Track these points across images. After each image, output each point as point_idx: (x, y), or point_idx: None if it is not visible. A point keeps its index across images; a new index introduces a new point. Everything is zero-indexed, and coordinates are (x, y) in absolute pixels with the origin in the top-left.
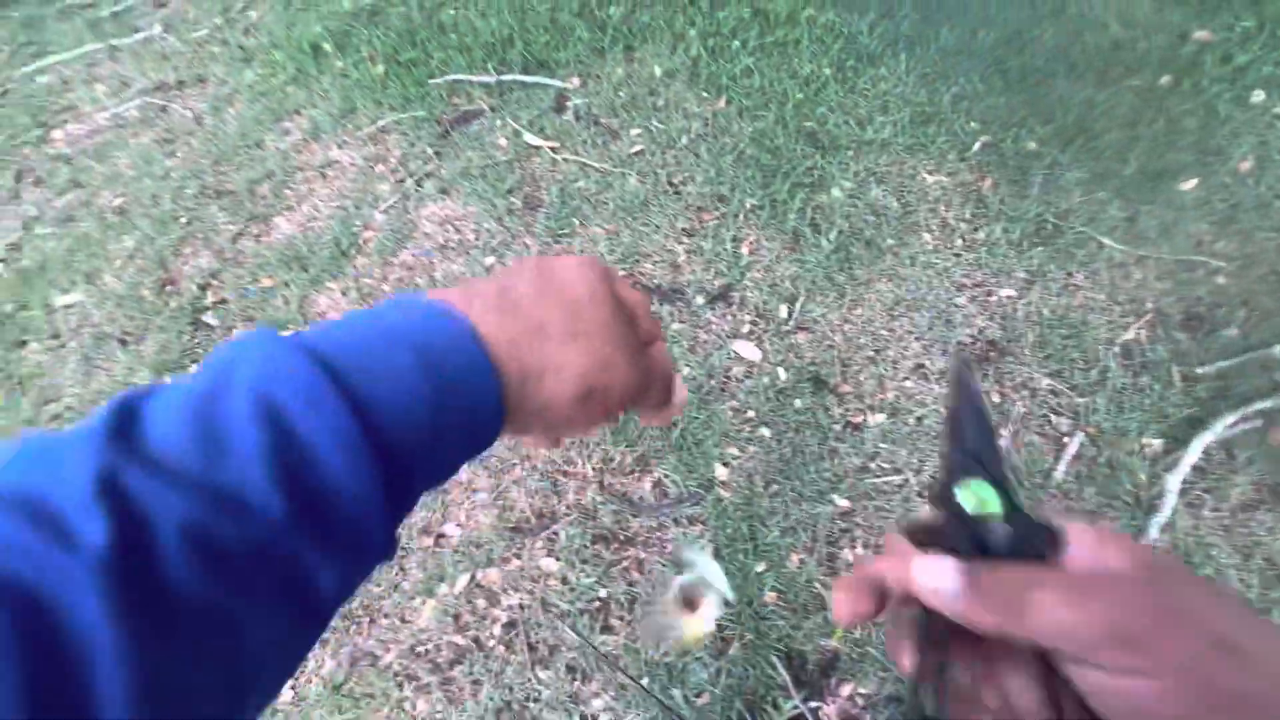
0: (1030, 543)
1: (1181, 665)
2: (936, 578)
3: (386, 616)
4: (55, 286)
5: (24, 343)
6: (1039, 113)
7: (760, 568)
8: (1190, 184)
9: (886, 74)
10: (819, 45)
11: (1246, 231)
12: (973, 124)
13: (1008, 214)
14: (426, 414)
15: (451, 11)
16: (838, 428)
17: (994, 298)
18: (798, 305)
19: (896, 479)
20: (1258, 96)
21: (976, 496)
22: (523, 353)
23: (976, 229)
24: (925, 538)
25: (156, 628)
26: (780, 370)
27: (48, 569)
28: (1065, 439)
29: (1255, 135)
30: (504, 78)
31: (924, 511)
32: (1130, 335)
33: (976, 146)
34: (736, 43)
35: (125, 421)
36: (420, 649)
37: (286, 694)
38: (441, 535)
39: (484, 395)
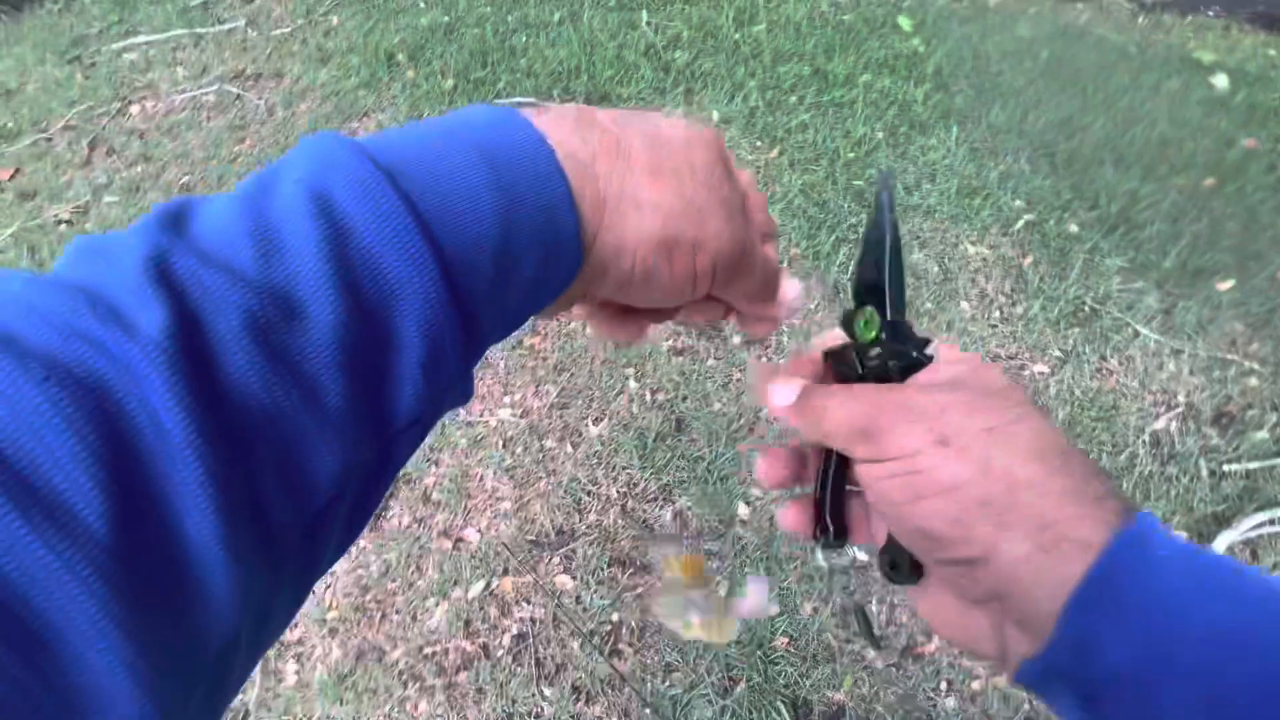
0: (901, 361)
1: (903, 454)
2: (780, 396)
3: (398, 613)
4: None
5: None
6: (1084, 198)
7: (774, 610)
8: (1228, 285)
9: (936, 144)
10: (873, 109)
11: None
12: (1018, 202)
13: (1046, 292)
14: (494, 225)
15: (524, 38)
16: None
17: (1027, 372)
18: None
19: None
20: None
21: (865, 323)
22: (600, 172)
23: (1015, 303)
24: (832, 360)
25: (223, 428)
26: None
27: (110, 354)
28: None
29: None
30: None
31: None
32: (1160, 425)
33: (1020, 224)
34: (794, 98)
35: (176, 216)
36: (428, 650)
37: (290, 678)
38: (461, 539)
39: (558, 208)
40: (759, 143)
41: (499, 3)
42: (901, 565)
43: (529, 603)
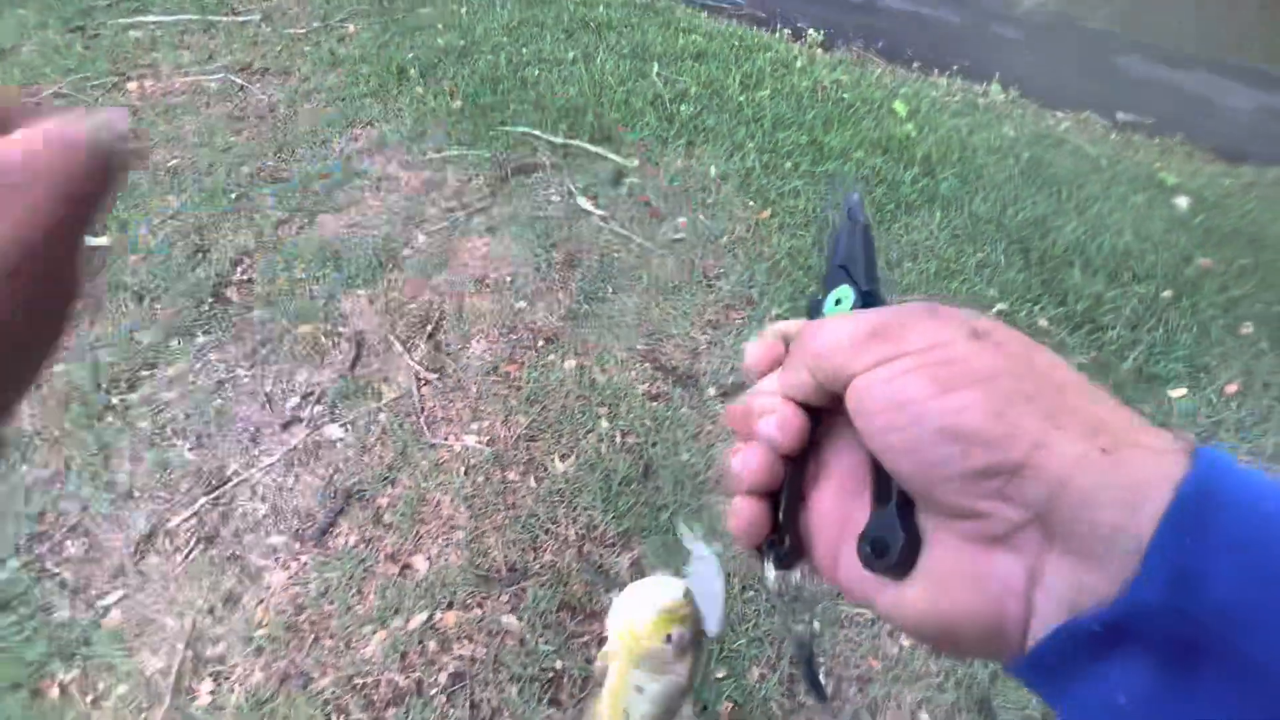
0: None
1: (930, 345)
2: (759, 341)
3: (332, 638)
4: None
5: None
6: (1054, 295)
7: (721, 673)
8: (1180, 392)
9: (920, 225)
10: (863, 184)
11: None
12: (992, 291)
13: None
14: None
15: (536, 71)
16: None
17: None
18: None
19: (870, 613)
20: (1247, 328)
21: (838, 300)
22: None
23: None
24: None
25: None
26: None
27: None
28: None
29: (1242, 363)
30: (571, 141)
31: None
32: None
33: (993, 312)
34: (789, 164)
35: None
36: (359, 681)
37: (204, 697)
38: (408, 566)
39: None
40: (751, 202)
41: (516, 34)
42: (892, 544)
43: (471, 640)
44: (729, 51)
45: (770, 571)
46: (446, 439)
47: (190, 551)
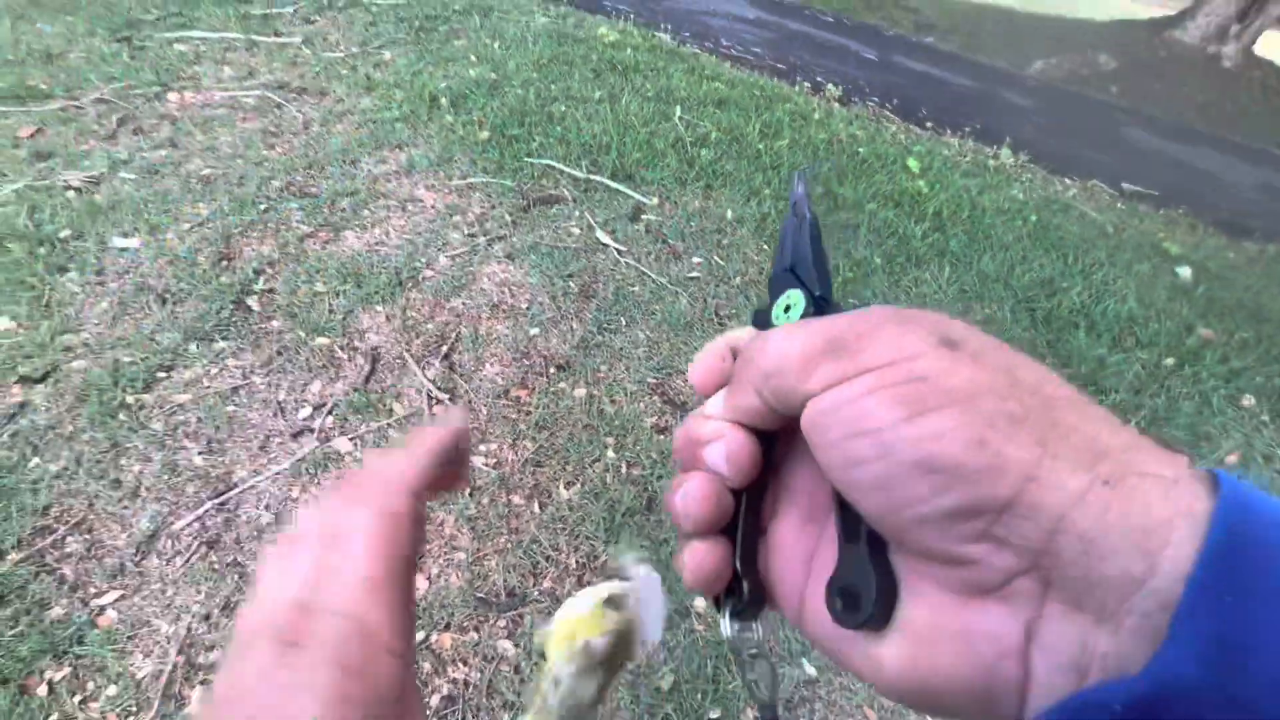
0: None
1: (896, 359)
2: (706, 356)
3: None
4: (117, 228)
5: (66, 270)
6: (1058, 356)
7: (715, 714)
8: None
9: (929, 279)
10: (875, 236)
11: None
12: None
13: None
14: None
15: (563, 107)
16: None
17: None
18: None
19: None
20: (1248, 400)
21: (788, 307)
22: None
23: None
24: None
25: None
26: None
27: None
28: None
29: (1243, 433)
30: (593, 177)
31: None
32: None
33: None
34: None
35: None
36: None
37: (194, 704)
38: None
39: None
40: (766, 246)
41: (545, 71)
42: (863, 594)
43: (466, 664)
44: (750, 100)
45: (728, 626)
46: None
47: (191, 556)
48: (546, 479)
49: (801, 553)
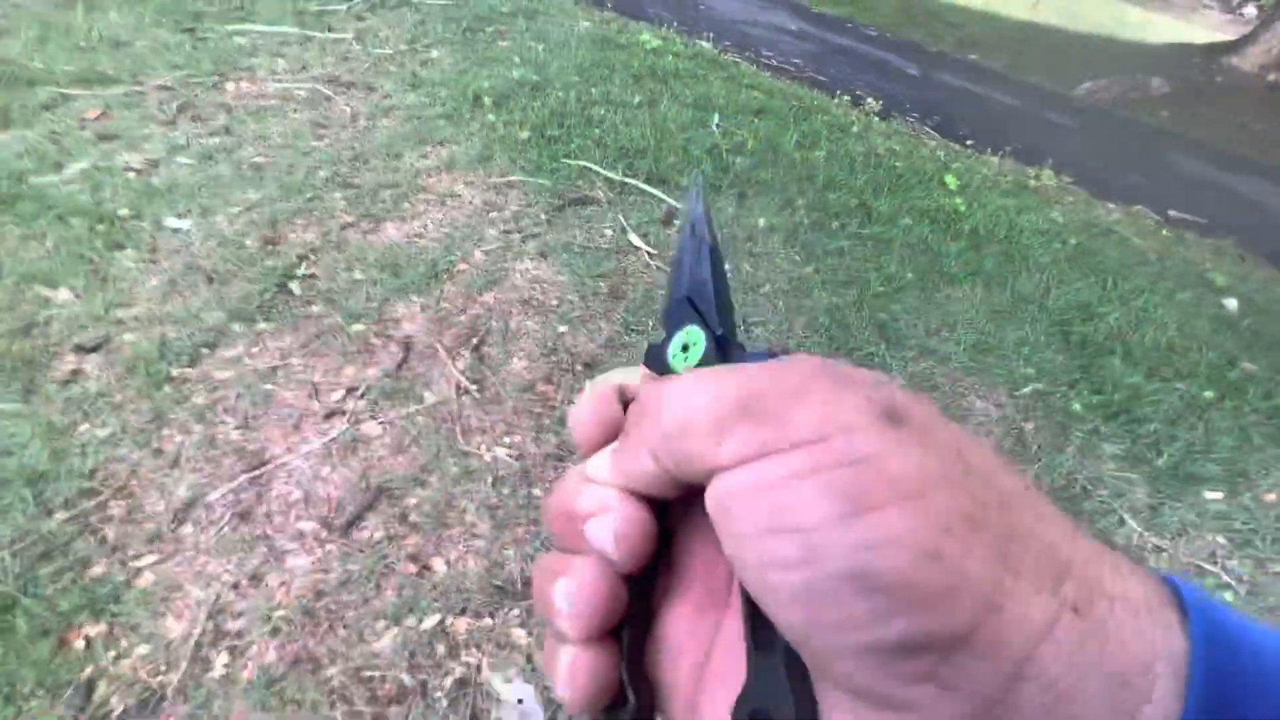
0: None
1: (826, 434)
2: (587, 401)
3: (346, 628)
4: (171, 209)
5: (122, 247)
6: (1091, 381)
7: None
8: (1216, 495)
9: (961, 297)
10: (909, 251)
11: (1260, 559)
12: (1029, 369)
13: (1044, 460)
14: None
15: (602, 111)
16: None
17: None
18: None
19: None
20: None
21: (685, 345)
22: None
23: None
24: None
25: None
26: None
27: None
28: None
29: None
30: (628, 180)
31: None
32: None
33: (1028, 390)
34: (836, 224)
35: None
36: (366, 673)
37: (218, 669)
38: (427, 567)
39: None
40: (796, 257)
41: (586, 75)
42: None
43: (479, 649)
44: (788, 110)
45: None
46: (479, 448)
47: (223, 526)
48: None
49: (694, 653)
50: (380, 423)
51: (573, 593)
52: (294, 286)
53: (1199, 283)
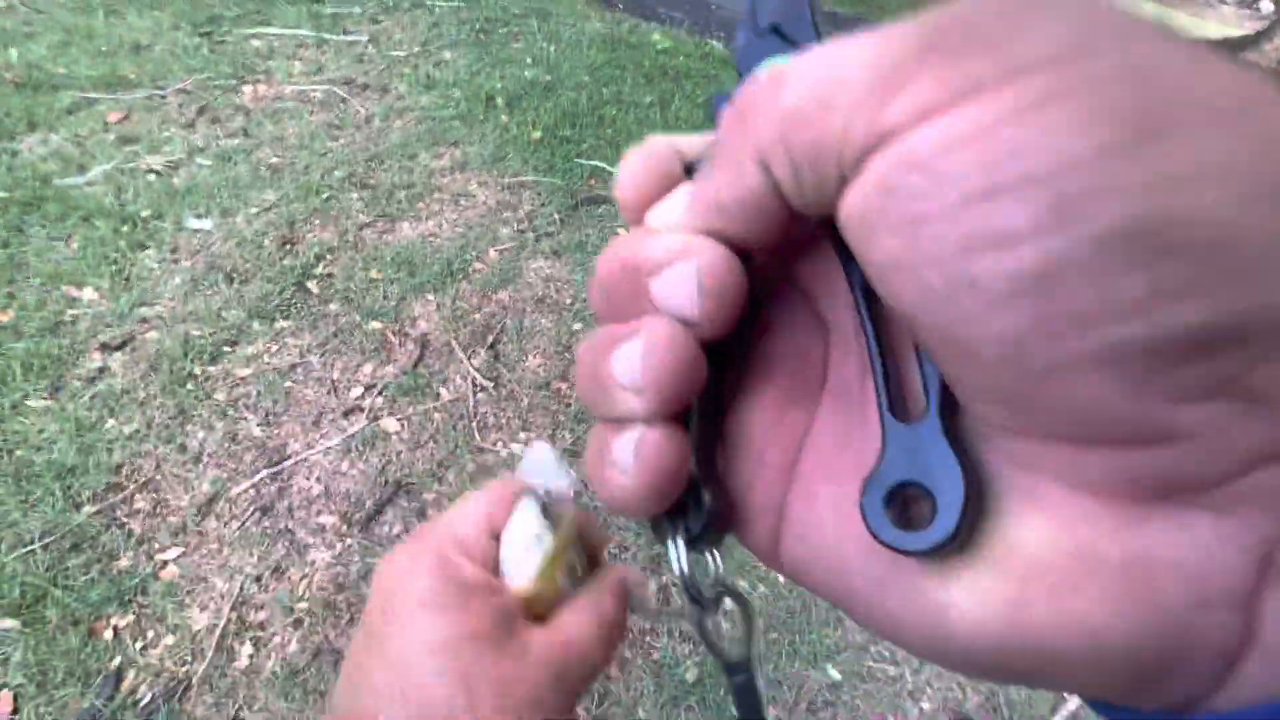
0: None
1: (1069, 52)
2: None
3: None
4: (192, 210)
5: (145, 247)
6: None
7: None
8: None
9: None
10: None
11: None
12: None
13: None
14: None
15: (614, 111)
16: None
17: None
18: None
19: (893, 670)
20: None
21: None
22: None
23: None
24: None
25: None
26: None
27: None
28: (1065, 695)
29: None
30: None
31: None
32: None
33: None
34: None
35: None
36: None
37: (243, 660)
38: None
39: None
40: None
41: (598, 75)
42: (938, 495)
43: None
44: None
45: (679, 555)
46: (495, 445)
47: (246, 521)
48: (583, 471)
49: (778, 453)
50: (398, 419)
51: (641, 356)
52: (312, 285)
53: None
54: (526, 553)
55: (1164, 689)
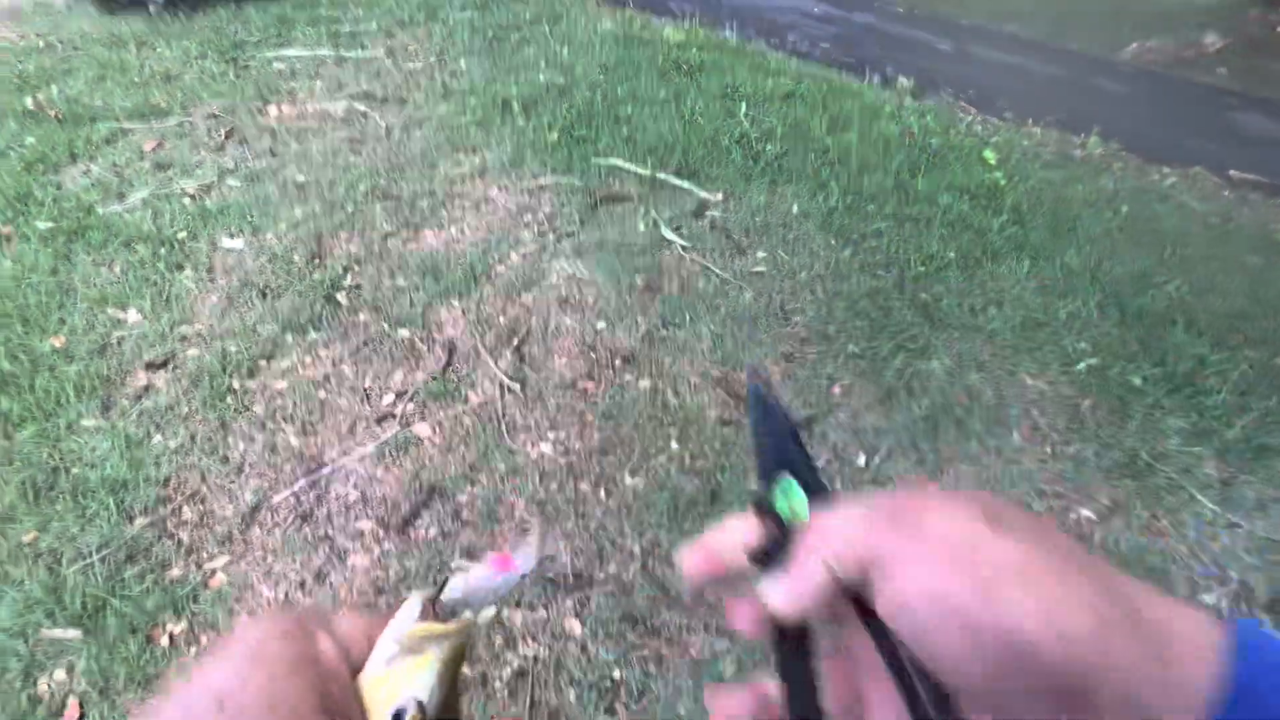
0: None
1: (947, 536)
2: (774, 597)
3: None
4: (225, 230)
5: (182, 267)
6: (1150, 354)
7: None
8: None
9: (1007, 273)
10: (949, 229)
11: None
12: (1083, 344)
13: (1102, 438)
14: None
15: (629, 109)
16: None
17: (1073, 515)
18: (878, 458)
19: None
20: None
21: (788, 501)
22: None
23: (1069, 442)
24: (758, 555)
25: None
26: None
27: None
28: None
29: None
30: (658, 175)
31: (751, 521)
32: (1210, 599)
33: (1082, 366)
34: (872, 206)
35: None
36: None
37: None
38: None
39: None
40: (833, 241)
41: (612, 74)
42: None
43: (535, 640)
44: (817, 95)
45: None
46: (525, 446)
47: (288, 528)
48: (612, 467)
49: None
50: (430, 424)
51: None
52: (341, 297)
53: (1267, 246)
54: (389, 644)
55: None
